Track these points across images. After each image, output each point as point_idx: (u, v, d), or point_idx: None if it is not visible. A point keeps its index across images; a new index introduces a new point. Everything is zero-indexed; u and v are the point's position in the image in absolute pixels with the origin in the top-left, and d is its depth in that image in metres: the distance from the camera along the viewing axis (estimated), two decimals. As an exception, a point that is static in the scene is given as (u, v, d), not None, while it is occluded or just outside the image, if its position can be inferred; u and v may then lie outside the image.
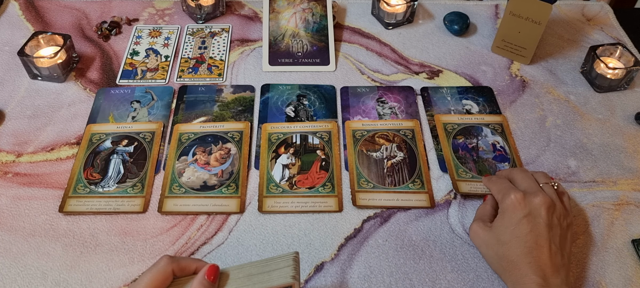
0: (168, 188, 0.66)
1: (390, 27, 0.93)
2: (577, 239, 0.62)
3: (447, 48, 0.89)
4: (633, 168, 0.71)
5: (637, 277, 0.59)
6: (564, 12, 0.98)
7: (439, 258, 0.60)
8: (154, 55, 0.85)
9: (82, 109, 0.76)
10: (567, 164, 0.71)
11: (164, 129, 0.73)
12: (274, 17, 0.89)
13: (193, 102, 0.77)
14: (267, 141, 0.72)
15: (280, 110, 0.77)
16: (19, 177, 0.67)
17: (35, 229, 0.61)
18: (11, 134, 0.72)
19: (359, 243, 0.61)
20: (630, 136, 0.75)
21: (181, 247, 0.61)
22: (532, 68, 0.86)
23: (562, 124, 0.77)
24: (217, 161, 0.69)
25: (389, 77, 0.83)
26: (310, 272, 0.59)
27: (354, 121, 0.75)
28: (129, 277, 0.58)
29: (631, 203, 0.67)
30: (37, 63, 0.78)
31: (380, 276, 0.58)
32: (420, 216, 0.64)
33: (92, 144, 0.71)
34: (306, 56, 0.85)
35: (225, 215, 0.64)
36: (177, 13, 0.94)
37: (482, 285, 0.58)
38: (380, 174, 0.68)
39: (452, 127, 0.74)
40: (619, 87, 0.82)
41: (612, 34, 0.93)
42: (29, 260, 0.59)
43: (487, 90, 0.81)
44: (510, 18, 0.83)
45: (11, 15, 0.91)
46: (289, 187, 0.66)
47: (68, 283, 0.57)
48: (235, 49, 0.87)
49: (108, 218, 0.63)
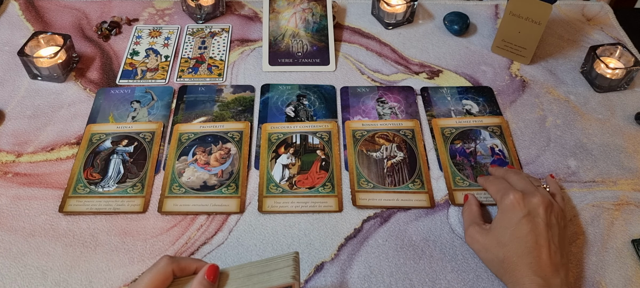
0: (168, 188, 0.66)
1: (390, 27, 0.93)
2: (576, 239, 0.62)
3: (447, 48, 0.89)
4: (633, 168, 0.71)
5: (637, 277, 0.59)
6: (564, 12, 0.98)
7: (439, 258, 0.60)
8: (154, 55, 0.85)
9: (82, 109, 0.76)
10: (567, 164, 0.71)
11: (164, 129, 0.73)
12: (274, 17, 0.89)
13: (193, 102, 0.77)
14: (267, 141, 0.72)
15: (280, 110, 0.77)
16: (19, 177, 0.67)
17: (35, 229, 0.61)
18: (11, 134, 0.72)
19: (359, 243, 0.61)
20: (630, 136, 0.75)
21: (181, 247, 0.61)
22: (532, 68, 0.86)
23: (562, 124, 0.77)
24: (217, 161, 0.69)
25: (389, 77, 0.83)
26: (310, 272, 0.59)
27: (354, 121, 0.75)
28: (129, 277, 0.58)
29: (631, 203, 0.67)
30: (37, 63, 0.78)
31: (380, 276, 0.58)
32: (420, 216, 0.64)
33: (92, 144, 0.71)
34: (306, 56, 0.85)
35: (225, 215, 0.64)
36: (177, 13, 0.94)
37: (482, 285, 0.58)
38: (380, 174, 0.68)
39: (450, 131, 0.74)
40: (619, 87, 0.82)
41: (612, 34, 0.93)
42: (29, 260, 0.59)
43: (487, 90, 0.81)
44: (510, 18, 0.83)
45: (11, 15, 0.91)
46: (289, 187, 0.66)
47: (68, 283, 0.57)
48: (235, 49, 0.87)
49: (108, 218, 0.63)
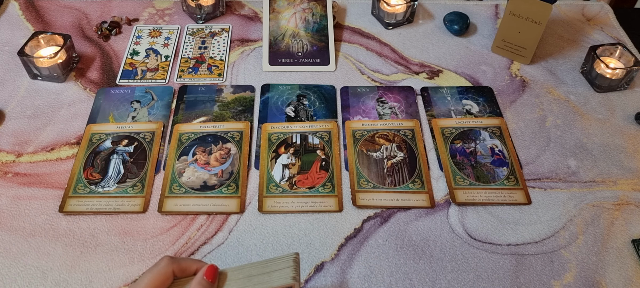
0: (168, 188, 0.66)
1: (390, 27, 0.93)
2: (576, 239, 0.62)
3: (447, 48, 0.89)
4: (633, 168, 0.71)
5: (637, 277, 0.59)
6: (564, 12, 0.98)
7: (439, 258, 0.60)
8: (154, 55, 0.85)
9: (82, 109, 0.76)
10: (567, 164, 0.71)
11: (164, 129, 0.73)
12: (274, 17, 0.89)
13: (193, 102, 0.77)
14: (267, 141, 0.72)
15: (280, 110, 0.77)
16: (19, 177, 0.67)
17: (35, 229, 0.61)
18: (11, 134, 0.72)
19: (359, 243, 0.61)
20: (630, 136, 0.75)
21: (181, 247, 0.61)
22: (532, 68, 0.86)
23: (562, 124, 0.77)
24: (217, 161, 0.69)
25: (389, 77, 0.83)
26: (310, 272, 0.59)
27: (354, 121, 0.75)
28: (129, 277, 0.58)
29: (631, 203, 0.66)
30: (37, 63, 0.78)
31: (380, 276, 0.58)
32: (420, 216, 0.64)
33: (92, 143, 0.71)
34: (306, 56, 0.85)
35: (225, 215, 0.64)
36: (177, 13, 0.94)
37: (482, 285, 0.58)
38: (380, 174, 0.68)
39: (449, 131, 0.74)
40: (619, 87, 0.82)
41: (612, 34, 0.93)
42: (29, 260, 0.59)
43: (487, 90, 0.81)
44: (510, 18, 0.83)
45: (11, 15, 0.91)
46: (289, 187, 0.66)
47: (68, 283, 0.57)
48: (235, 49, 0.87)
49: (108, 218, 0.63)
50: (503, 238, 0.62)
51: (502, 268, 0.60)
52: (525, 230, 0.63)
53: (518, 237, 0.63)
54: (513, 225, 0.64)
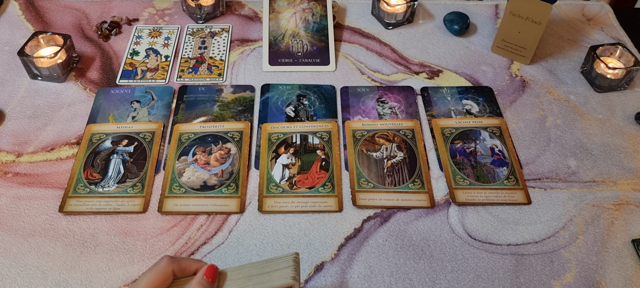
0: (168, 188, 0.66)
1: (390, 27, 0.93)
2: (576, 239, 0.62)
3: (447, 48, 0.89)
4: (633, 168, 0.71)
5: (637, 277, 0.59)
6: (564, 12, 0.98)
7: (439, 258, 0.60)
8: (154, 55, 0.85)
9: (82, 109, 0.76)
10: (567, 164, 0.71)
11: (164, 129, 0.73)
12: (274, 17, 0.89)
13: (193, 102, 0.77)
14: (267, 141, 0.72)
15: (280, 110, 0.77)
16: (19, 177, 0.67)
17: (35, 229, 0.61)
18: (11, 134, 0.72)
19: (359, 243, 0.61)
20: (630, 136, 0.75)
21: (181, 247, 0.61)
22: (532, 68, 0.86)
23: (562, 124, 0.77)
24: (217, 161, 0.69)
25: (389, 77, 0.83)
26: (310, 272, 0.59)
27: (354, 121, 0.75)
28: (129, 277, 0.58)
29: (631, 203, 0.66)
30: (37, 63, 0.78)
31: (380, 276, 0.58)
32: (420, 216, 0.64)
33: (92, 143, 0.71)
34: (306, 56, 0.85)
35: (225, 215, 0.64)
36: (177, 13, 0.94)
37: (482, 285, 0.58)
38: (380, 174, 0.68)
39: (450, 131, 0.74)
40: (619, 87, 0.82)
41: (612, 34, 0.93)
42: (29, 260, 0.59)
43: (487, 90, 0.81)
44: (510, 18, 0.83)
45: (11, 15, 0.91)
46: (289, 187, 0.66)
47: (68, 283, 0.57)
48: (235, 48, 0.87)
49: (108, 218, 0.63)
50: (503, 238, 0.62)
51: (502, 268, 0.60)
52: (525, 230, 0.63)
53: (518, 237, 0.63)
54: (513, 225, 0.64)
